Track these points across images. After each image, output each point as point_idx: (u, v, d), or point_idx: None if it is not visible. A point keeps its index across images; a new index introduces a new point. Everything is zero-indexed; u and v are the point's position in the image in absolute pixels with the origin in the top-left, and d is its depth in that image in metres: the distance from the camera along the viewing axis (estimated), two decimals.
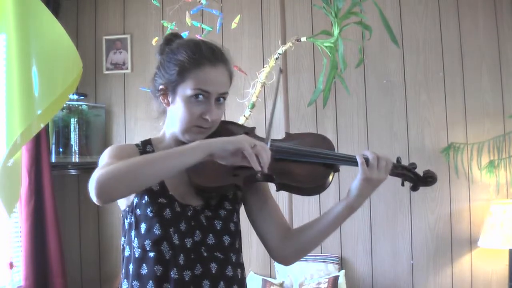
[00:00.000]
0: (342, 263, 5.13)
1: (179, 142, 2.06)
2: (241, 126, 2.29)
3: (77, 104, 5.30)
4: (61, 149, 5.17)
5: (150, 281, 1.93)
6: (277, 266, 5.10)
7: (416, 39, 5.16)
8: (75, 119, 5.24)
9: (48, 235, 4.93)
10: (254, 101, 4.45)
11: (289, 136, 2.23)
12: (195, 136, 2.02)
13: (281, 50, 4.45)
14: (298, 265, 5.01)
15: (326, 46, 4.28)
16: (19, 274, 4.76)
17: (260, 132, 2.25)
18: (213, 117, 2.02)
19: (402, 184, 2.18)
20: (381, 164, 2.03)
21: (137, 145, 2.12)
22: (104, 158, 1.97)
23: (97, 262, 5.48)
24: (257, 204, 2.21)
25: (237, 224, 2.14)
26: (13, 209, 3.83)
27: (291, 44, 4.44)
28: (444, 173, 5.01)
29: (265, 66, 4.50)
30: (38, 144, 4.86)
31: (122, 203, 2.06)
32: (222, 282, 2.02)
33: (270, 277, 5.13)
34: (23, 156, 4.51)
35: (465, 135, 5.01)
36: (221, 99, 2.06)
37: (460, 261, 4.95)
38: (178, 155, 1.81)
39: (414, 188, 2.19)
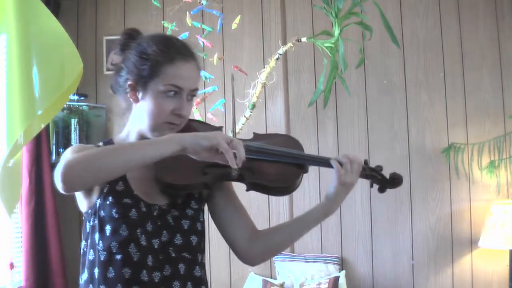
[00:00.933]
0: (342, 263, 5.13)
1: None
2: (208, 124, 2.23)
3: (78, 105, 5.30)
4: (61, 150, 5.17)
5: (119, 285, 1.89)
6: (278, 267, 5.10)
7: (416, 39, 5.15)
8: (76, 120, 5.24)
9: (48, 235, 4.93)
10: (255, 101, 4.45)
11: (257, 136, 2.21)
12: (164, 133, 1.95)
13: (281, 50, 4.46)
14: (298, 266, 5.01)
15: (326, 47, 4.28)
16: (20, 274, 4.76)
17: (261, 132, 2.24)
18: (185, 113, 1.98)
19: (371, 186, 2.19)
20: (354, 167, 2.05)
21: (98, 146, 2.04)
22: (67, 154, 1.88)
23: None
24: (223, 204, 2.16)
25: (203, 223, 2.11)
26: (13, 210, 3.83)
27: (291, 45, 4.44)
28: (444, 174, 5.01)
29: (265, 66, 4.51)
30: (38, 145, 4.86)
31: (83, 205, 2.01)
32: (189, 283, 2.00)
33: (271, 278, 5.13)
34: (23, 157, 4.51)
35: (466, 135, 5.01)
36: (191, 95, 2.01)
37: (460, 261, 4.95)
38: (150, 145, 1.78)
39: (381, 190, 2.19)
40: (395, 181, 2.18)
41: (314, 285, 4.79)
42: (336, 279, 4.82)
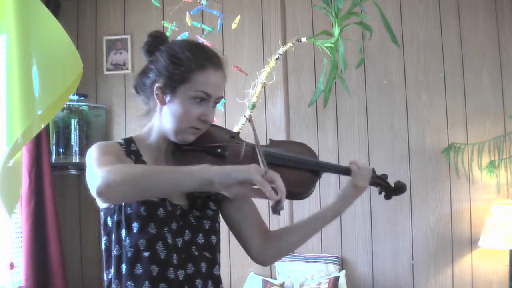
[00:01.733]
0: (342, 263, 5.13)
1: (166, 142, 2.07)
2: (227, 130, 2.27)
3: (78, 105, 5.30)
4: (61, 150, 5.18)
5: (146, 281, 1.91)
6: (278, 267, 5.10)
7: (416, 39, 5.16)
8: (76, 120, 5.24)
9: (48, 235, 4.93)
10: (255, 101, 4.45)
11: (273, 143, 2.27)
12: (187, 137, 2.02)
13: (281, 50, 4.46)
14: (298, 266, 5.01)
15: (326, 47, 4.28)
16: (20, 274, 4.76)
17: (260, 133, 2.24)
18: (210, 119, 2.02)
19: (379, 193, 2.35)
20: (366, 173, 2.21)
21: (119, 143, 2.07)
22: (96, 155, 1.89)
23: (97, 262, 5.47)
24: (237, 205, 2.20)
25: (219, 224, 2.16)
26: (13, 210, 3.83)
27: (291, 45, 4.44)
28: (444, 174, 5.01)
29: (265, 66, 4.50)
30: (38, 145, 4.86)
31: None
32: (210, 281, 2.04)
33: (271, 278, 5.13)
34: (23, 157, 4.51)
35: (466, 135, 5.01)
36: (216, 102, 2.05)
37: (460, 261, 4.95)
38: (183, 175, 1.71)
39: (387, 197, 2.36)
40: (399, 189, 2.35)
41: (314, 285, 4.80)
42: (336, 279, 4.82)
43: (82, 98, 5.35)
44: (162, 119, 2.04)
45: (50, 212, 4.93)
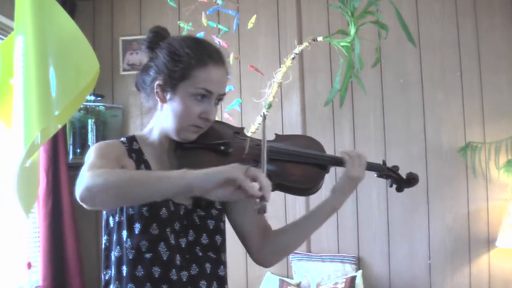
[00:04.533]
0: (359, 263, 5.12)
1: (168, 140, 2.03)
2: (228, 125, 2.20)
3: (94, 105, 5.32)
4: (78, 150, 5.20)
5: (148, 283, 1.88)
6: (294, 266, 5.10)
7: (432, 38, 5.14)
8: (92, 120, 5.26)
9: (65, 235, 4.96)
10: (271, 101, 4.45)
11: (279, 137, 2.20)
12: (189, 135, 1.97)
13: (297, 50, 4.45)
14: (315, 265, 5.01)
15: (342, 46, 4.27)
16: (37, 274, 4.79)
17: (277, 131, 2.23)
18: (212, 117, 1.98)
19: (390, 186, 2.26)
20: (361, 162, 2.10)
21: (122, 142, 2.02)
22: (91, 157, 1.86)
23: None
24: (240, 205, 2.15)
25: (225, 223, 2.12)
26: (31, 210, 3.84)
27: (307, 44, 4.43)
28: (461, 173, 4.99)
29: (281, 66, 4.50)
30: (55, 145, 4.89)
31: None
32: (215, 282, 2.00)
33: (287, 277, 5.13)
34: (41, 157, 4.53)
35: (483, 134, 4.98)
36: (218, 100, 2.00)
37: (478, 261, 4.93)
38: (160, 182, 1.61)
39: (398, 189, 2.26)
40: (411, 180, 2.24)
41: (331, 285, 4.79)
42: (353, 278, 4.81)
43: (99, 98, 5.37)
44: (163, 117, 2.00)
45: (67, 212, 4.95)
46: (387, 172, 2.22)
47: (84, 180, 1.65)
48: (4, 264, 4.49)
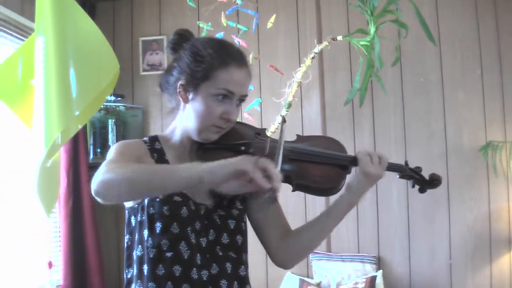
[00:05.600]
0: (379, 263, 5.11)
1: (190, 141, 2.04)
2: (252, 126, 2.19)
3: (115, 105, 5.35)
4: (98, 150, 5.22)
5: (169, 282, 1.89)
6: (315, 266, 5.09)
7: (453, 37, 5.11)
8: (113, 120, 5.28)
9: (86, 234, 4.99)
10: (291, 100, 4.44)
11: (300, 138, 2.19)
12: (210, 135, 1.98)
13: (317, 49, 4.44)
14: (335, 265, 5.00)
15: (362, 45, 4.26)
16: (58, 273, 4.82)
17: (296, 132, 2.23)
18: (233, 117, 1.98)
19: (413, 186, 2.21)
20: (380, 160, 2.06)
21: (144, 141, 2.05)
22: (111, 154, 1.90)
23: None
24: (260, 205, 2.13)
25: (246, 224, 2.12)
26: (52, 210, 3.86)
27: (327, 43, 4.43)
28: (482, 172, 4.96)
29: (301, 65, 4.50)
30: (76, 145, 4.92)
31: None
32: (235, 282, 2.00)
33: (307, 277, 5.13)
34: (61, 157, 4.56)
35: (504, 133, 4.95)
36: (240, 101, 2.00)
37: (499, 261, 4.89)
38: (169, 175, 1.66)
39: (421, 190, 2.22)
40: (434, 182, 2.21)
41: (351, 285, 4.78)
42: (373, 278, 4.79)
43: (119, 98, 5.39)
44: (185, 118, 2.02)
45: (88, 212, 4.98)
46: (410, 173, 2.19)
47: (99, 174, 1.69)
48: (26, 264, 4.53)
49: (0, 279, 4.22)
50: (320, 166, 2.07)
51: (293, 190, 2.04)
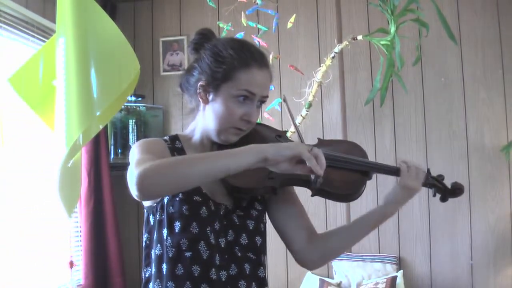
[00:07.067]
0: (400, 263, 5.09)
1: (210, 141, 2.03)
2: (273, 128, 2.21)
3: (135, 106, 5.36)
4: (119, 150, 5.24)
5: (188, 282, 1.87)
6: (335, 266, 5.08)
7: (474, 36, 5.08)
8: (133, 120, 5.30)
9: (107, 234, 5.01)
10: (311, 100, 4.44)
11: (322, 142, 2.19)
12: (230, 137, 1.97)
13: (337, 49, 4.44)
14: (356, 265, 4.99)
15: (382, 44, 4.25)
16: (79, 273, 4.85)
17: (317, 132, 2.22)
18: (253, 119, 1.97)
19: (434, 195, 2.20)
20: (419, 173, 2.08)
21: (165, 140, 2.04)
22: (136, 154, 1.83)
23: None
24: (283, 205, 2.14)
25: (265, 225, 2.10)
26: (73, 210, 3.89)
27: (347, 43, 4.42)
28: (504, 172, 4.93)
29: (321, 65, 4.49)
30: (97, 145, 4.94)
31: None
32: (254, 283, 1.99)
33: (328, 277, 5.12)
34: (82, 157, 4.58)
35: None
36: (261, 102, 1.99)
37: None
38: (230, 157, 1.67)
39: (443, 199, 2.21)
40: (456, 191, 2.20)
41: (372, 285, 4.77)
42: (394, 279, 4.78)
43: (140, 99, 5.41)
44: (205, 118, 2.01)
45: (109, 212, 5.00)
46: (432, 181, 2.17)
47: (136, 173, 1.63)
48: (47, 263, 4.55)
49: (22, 278, 4.25)
50: (341, 172, 2.06)
51: (313, 195, 2.02)
